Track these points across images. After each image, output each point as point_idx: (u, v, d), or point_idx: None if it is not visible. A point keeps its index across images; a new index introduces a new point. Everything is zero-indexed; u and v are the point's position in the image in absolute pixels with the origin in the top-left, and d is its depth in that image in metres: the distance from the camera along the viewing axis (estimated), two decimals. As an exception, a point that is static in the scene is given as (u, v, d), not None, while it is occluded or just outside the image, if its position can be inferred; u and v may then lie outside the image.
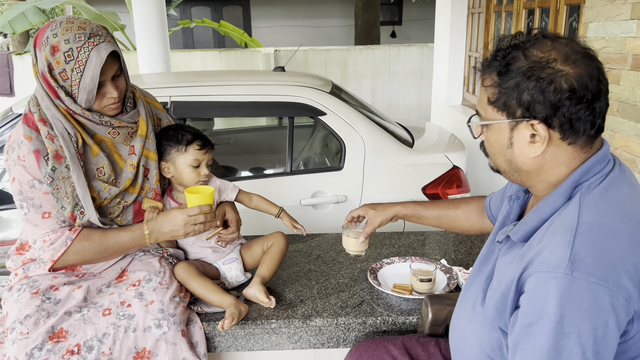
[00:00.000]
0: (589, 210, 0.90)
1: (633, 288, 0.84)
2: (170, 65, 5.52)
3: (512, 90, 0.93)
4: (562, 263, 0.84)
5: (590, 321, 0.82)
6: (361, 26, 8.87)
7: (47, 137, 1.35)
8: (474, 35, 4.48)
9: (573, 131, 0.92)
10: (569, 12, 2.74)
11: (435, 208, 1.53)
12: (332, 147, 3.01)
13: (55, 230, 1.39)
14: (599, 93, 0.92)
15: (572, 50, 0.92)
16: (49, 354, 1.25)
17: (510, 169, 1.02)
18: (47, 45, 1.30)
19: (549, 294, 0.84)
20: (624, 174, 0.97)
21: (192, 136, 1.54)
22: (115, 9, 9.31)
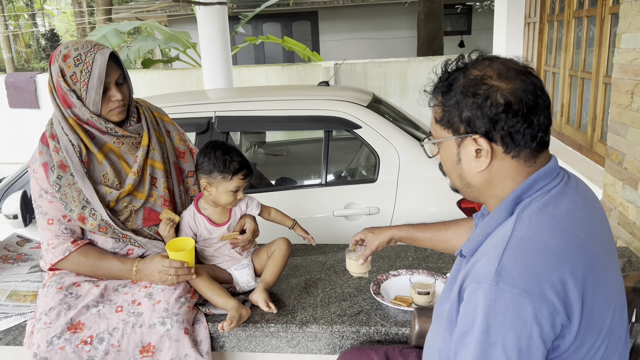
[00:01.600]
0: (523, 225, 0.92)
1: (558, 302, 0.84)
2: (232, 81, 5.81)
3: (454, 108, 0.98)
4: (490, 274, 0.87)
5: (514, 332, 0.84)
6: (423, 37, 8.81)
7: (53, 150, 1.57)
8: (530, 45, 4.35)
9: (514, 144, 0.95)
10: (613, 21, 2.63)
11: (427, 230, 1.55)
12: (367, 159, 3.06)
13: (58, 236, 1.60)
14: (536, 107, 0.94)
15: (507, 68, 0.96)
16: (66, 342, 1.42)
17: (463, 185, 1.05)
18: (59, 56, 1.52)
19: (478, 304, 0.87)
20: (569, 189, 0.97)
21: (239, 165, 1.62)
22: (188, 27, 9.91)
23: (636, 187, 2.00)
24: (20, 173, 2.88)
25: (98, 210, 1.56)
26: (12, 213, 2.52)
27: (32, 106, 7.41)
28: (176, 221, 1.65)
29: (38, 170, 1.59)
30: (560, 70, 3.52)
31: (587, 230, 0.93)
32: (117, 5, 17.27)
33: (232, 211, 1.71)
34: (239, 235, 1.70)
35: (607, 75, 2.70)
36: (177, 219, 1.66)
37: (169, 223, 1.64)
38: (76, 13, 15.63)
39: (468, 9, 11.83)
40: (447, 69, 1.02)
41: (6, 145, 7.92)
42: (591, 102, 2.91)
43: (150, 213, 1.66)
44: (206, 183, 1.64)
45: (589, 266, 0.89)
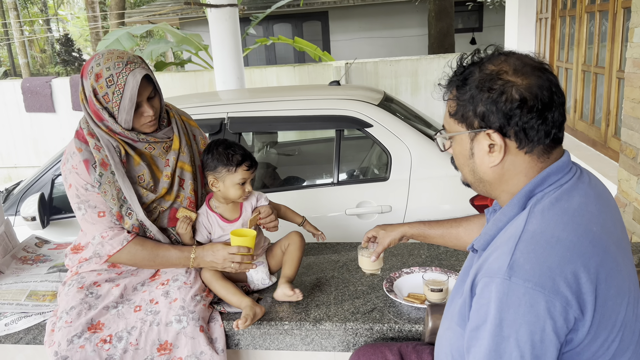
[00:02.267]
0: (535, 220, 0.92)
1: (571, 295, 0.85)
2: (244, 83, 5.85)
3: (468, 102, 0.98)
4: (502, 268, 0.88)
5: (527, 326, 0.84)
6: (434, 35, 8.78)
7: (94, 148, 1.59)
8: (542, 41, 4.32)
9: (528, 139, 0.95)
10: (625, 15, 2.60)
11: (439, 227, 1.56)
12: (379, 158, 3.06)
13: (112, 227, 1.61)
14: (551, 103, 0.94)
15: (523, 63, 0.96)
16: (86, 341, 1.45)
17: (475, 180, 1.06)
18: (92, 73, 1.53)
19: (490, 298, 0.88)
20: (581, 184, 0.98)
21: (242, 157, 1.67)
22: (200, 30, 9.97)
23: (651, 182, 1.98)
24: (38, 176, 2.94)
25: (135, 209, 1.60)
26: (30, 215, 2.57)
27: (48, 110, 7.53)
28: (193, 219, 1.69)
29: (78, 166, 1.60)
30: (573, 65, 3.49)
31: (599, 224, 0.93)
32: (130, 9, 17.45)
33: (242, 207, 1.74)
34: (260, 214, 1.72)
35: (621, 70, 2.68)
36: (194, 216, 1.69)
37: (186, 221, 1.67)
38: (89, 18, 15.83)
39: (479, 6, 11.74)
40: (463, 63, 1.02)
41: (23, 149, 8.06)
42: (605, 98, 2.89)
43: (176, 213, 1.70)
44: (213, 179, 1.67)
45: (601, 260, 0.89)
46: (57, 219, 2.76)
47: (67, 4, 28.31)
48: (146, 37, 17.34)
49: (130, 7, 18.82)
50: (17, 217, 2.77)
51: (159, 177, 1.67)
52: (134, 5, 20.20)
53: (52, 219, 2.74)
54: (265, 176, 3.58)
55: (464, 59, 1.03)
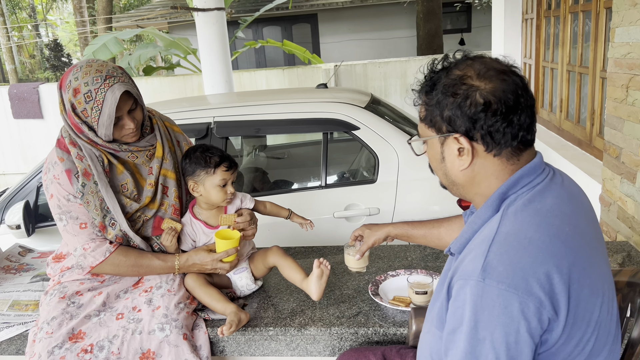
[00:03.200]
0: (508, 221, 0.93)
1: (544, 296, 0.85)
2: (232, 86, 5.84)
3: (436, 107, 1.00)
4: (476, 270, 0.88)
5: (501, 327, 0.85)
6: (423, 37, 8.81)
7: (76, 157, 1.56)
8: (528, 41, 4.35)
9: (494, 143, 0.96)
10: (607, 15, 2.62)
11: (422, 227, 1.58)
12: (367, 160, 3.06)
13: (94, 239, 1.59)
14: (517, 106, 0.95)
15: (487, 68, 0.97)
16: (67, 352, 1.43)
17: (449, 183, 1.07)
18: (69, 88, 1.50)
19: (465, 301, 0.88)
20: (554, 185, 0.98)
21: (220, 158, 1.66)
22: (188, 34, 9.95)
23: (634, 181, 1.99)
24: (23, 183, 2.91)
25: (118, 219, 1.58)
26: (15, 223, 2.54)
27: (35, 116, 7.47)
28: (178, 230, 1.66)
29: (60, 176, 1.57)
30: (558, 65, 3.51)
31: (572, 224, 0.93)
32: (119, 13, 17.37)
33: (227, 210, 1.73)
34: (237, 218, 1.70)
35: (604, 69, 2.70)
36: (179, 227, 1.66)
37: (171, 232, 1.65)
38: (78, 23, 15.74)
39: (467, 7, 11.80)
40: (433, 68, 1.04)
41: (11, 156, 7.99)
42: (589, 97, 2.91)
43: (160, 222, 1.68)
44: (193, 183, 1.66)
45: (574, 260, 0.89)
46: (42, 227, 2.73)
47: (56, 9, 28.16)
48: (135, 42, 17.27)
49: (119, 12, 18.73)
50: (2, 226, 2.74)
51: (142, 186, 1.65)
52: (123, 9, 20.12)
53: (37, 227, 2.71)
54: (254, 180, 3.57)
55: (435, 65, 1.04)
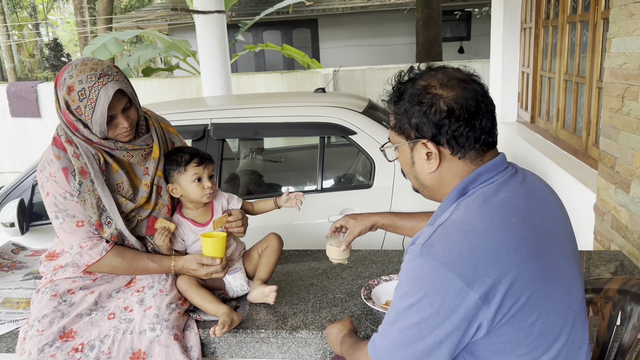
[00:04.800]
0: (459, 210, 1.01)
1: (474, 277, 0.91)
2: (231, 89, 5.84)
3: (404, 115, 1.08)
4: (418, 246, 0.98)
5: (428, 298, 0.93)
6: (422, 44, 8.84)
7: (73, 155, 1.56)
8: (526, 50, 4.37)
9: (459, 146, 1.04)
10: (605, 26, 2.64)
11: (410, 219, 1.61)
12: (363, 165, 3.07)
13: (91, 237, 1.59)
14: (478, 112, 1.03)
15: (449, 77, 1.05)
16: (57, 350, 1.42)
17: (419, 186, 1.15)
18: (64, 86, 1.50)
19: (404, 269, 1.00)
20: (512, 181, 1.05)
21: (190, 155, 1.68)
22: (188, 36, 9.97)
23: (628, 190, 2.00)
24: (18, 181, 2.90)
25: (114, 218, 1.57)
26: (9, 221, 2.54)
27: (33, 115, 7.47)
28: (172, 229, 1.65)
29: (57, 174, 1.56)
30: (555, 75, 3.53)
31: (521, 216, 0.99)
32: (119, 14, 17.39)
33: (213, 209, 1.73)
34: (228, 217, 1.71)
35: (600, 79, 2.71)
36: (172, 227, 1.65)
37: (164, 232, 1.64)
38: (78, 23, 15.76)
39: (467, 15, 11.87)
40: (400, 79, 1.12)
41: (7, 154, 7.97)
42: (585, 107, 2.92)
43: (154, 221, 1.67)
44: (171, 185, 1.67)
45: (515, 247, 0.94)
46: (36, 225, 2.73)
47: (57, 9, 28.19)
48: (135, 43, 17.29)
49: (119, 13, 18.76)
50: (-5, 223, 2.73)
51: (137, 185, 1.65)
52: (123, 10, 20.15)
53: (31, 225, 2.71)
54: (250, 182, 3.57)
55: (401, 76, 1.12)
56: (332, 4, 11.99)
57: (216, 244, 1.62)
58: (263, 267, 1.74)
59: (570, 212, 2.84)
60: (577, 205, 2.61)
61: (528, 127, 4.20)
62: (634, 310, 1.20)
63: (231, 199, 1.79)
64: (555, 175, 3.00)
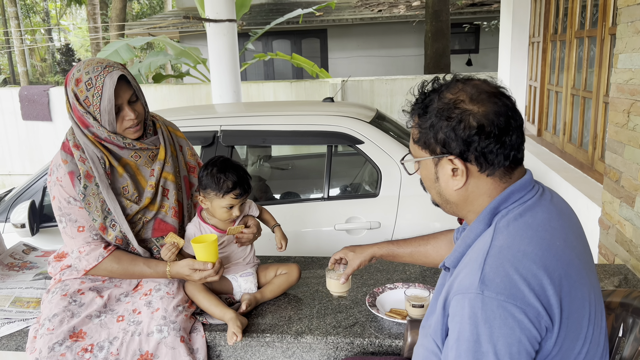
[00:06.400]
0: (501, 235, 0.96)
1: (540, 306, 0.88)
2: (240, 97, 5.90)
3: (429, 130, 1.02)
4: (474, 284, 0.90)
5: (504, 339, 0.86)
6: (430, 55, 8.89)
7: (79, 159, 1.60)
8: (534, 64, 4.39)
9: (488, 163, 0.99)
10: (612, 42, 2.66)
11: (407, 246, 1.57)
12: (370, 174, 3.09)
13: (90, 242, 1.62)
14: (508, 128, 0.98)
15: (479, 91, 1.00)
16: (67, 349, 1.45)
17: (442, 201, 1.10)
18: (73, 79, 1.56)
19: (464, 315, 0.90)
20: (544, 201, 1.02)
21: (232, 185, 1.65)
22: (199, 44, 10.07)
23: (633, 204, 2.02)
24: (30, 183, 2.95)
25: (119, 221, 1.61)
26: (20, 222, 2.58)
27: (44, 119, 7.56)
28: (180, 246, 1.64)
29: (63, 178, 1.61)
30: (562, 89, 3.55)
31: (562, 238, 0.96)
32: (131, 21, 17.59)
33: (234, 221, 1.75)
34: (244, 229, 1.74)
35: (607, 94, 2.73)
36: (181, 243, 1.63)
37: (172, 249, 1.62)
38: (91, 29, 15.95)
39: (476, 28, 11.91)
40: (424, 90, 1.06)
41: (18, 157, 8.06)
42: (592, 121, 2.94)
43: (160, 224, 1.70)
44: (202, 197, 1.69)
45: (565, 273, 0.92)
46: (46, 226, 2.77)
47: (70, 15, 28.54)
48: (146, 49, 17.48)
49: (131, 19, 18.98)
50: (7, 224, 2.77)
51: (144, 187, 1.68)
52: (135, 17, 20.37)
53: (41, 227, 2.74)
54: (256, 189, 3.61)
55: (425, 87, 1.07)
56: (342, 14, 12.08)
57: (207, 249, 1.60)
58: (270, 288, 1.77)
59: (575, 225, 2.82)
60: (582, 218, 2.59)
61: (535, 141, 4.22)
62: (636, 322, 1.22)
63: (250, 205, 1.82)
64: (560, 189, 3.01)
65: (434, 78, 1.08)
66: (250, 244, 1.79)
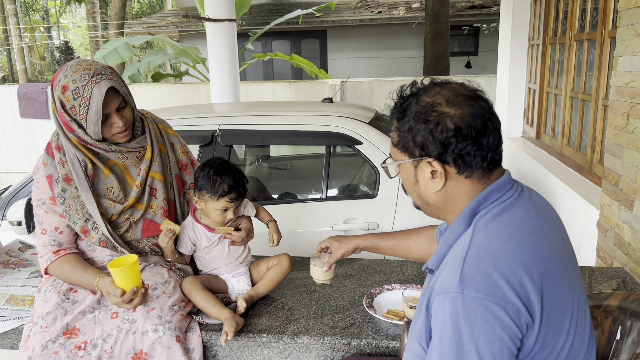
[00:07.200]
0: (480, 234, 0.97)
1: (520, 303, 0.88)
2: (239, 96, 5.89)
3: (408, 133, 1.04)
4: (454, 283, 0.91)
5: (485, 337, 0.87)
6: (430, 57, 8.89)
7: (59, 162, 1.60)
8: (533, 67, 4.39)
9: (466, 165, 1.01)
10: (612, 45, 2.66)
11: (390, 239, 1.59)
12: (368, 175, 3.09)
13: (45, 246, 1.64)
14: (485, 130, 1.00)
15: (455, 94, 1.02)
16: (60, 347, 1.44)
17: (423, 204, 1.11)
18: (59, 85, 1.54)
19: (445, 315, 0.91)
20: (522, 200, 1.03)
21: (228, 188, 1.64)
22: (198, 43, 10.06)
23: (631, 208, 2.01)
24: (27, 181, 2.94)
25: (99, 224, 1.60)
26: (16, 220, 2.56)
27: (42, 117, 7.54)
28: (177, 232, 1.67)
29: (40, 180, 1.62)
30: (562, 92, 3.55)
31: (540, 236, 0.97)
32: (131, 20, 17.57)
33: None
34: (234, 231, 1.72)
35: (606, 97, 2.73)
36: (177, 229, 1.67)
37: (169, 234, 1.65)
38: (90, 27, 15.93)
39: (475, 31, 11.92)
40: (402, 94, 1.08)
41: (16, 155, 8.04)
42: (591, 124, 2.94)
43: (149, 224, 1.69)
44: (197, 197, 1.68)
45: (545, 269, 0.93)
46: (43, 224, 2.75)
47: (69, 13, 28.50)
48: (145, 48, 17.46)
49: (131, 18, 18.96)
50: (3, 222, 2.76)
51: (131, 187, 1.67)
52: (135, 16, 20.35)
53: (38, 225, 2.73)
54: (254, 189, 3.60)
55: (403, 91, 1.08)
56: (342, 15, 12.08)
57: (122, 274, 1.42)
58: (264, 283, 1.76)
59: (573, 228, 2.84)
60: (581, 221, 2.61)
61: (533, 143, 4.22)
62: (634, 325, 1.21)
63: (247, 205, 1.81)
64: (559, 192, 3.01)
65: (412, 82, 1.10)
66: (241, 245, 1.78)
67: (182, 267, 1.76)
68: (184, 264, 1.78)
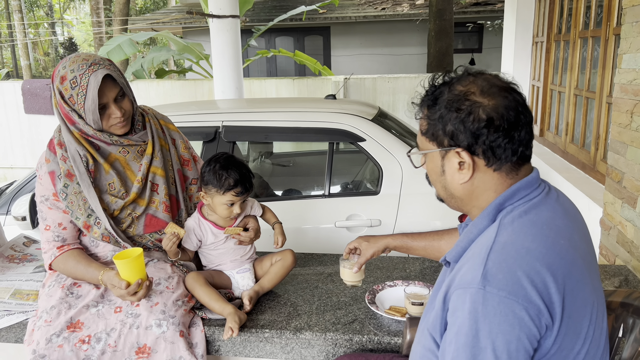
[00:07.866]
0: (505, 231, 0.95)
1: (542, 304, 0.87)
2: (242, 93, 5.89)
3: (438, 122, 1.01)
4: (476, 279, 0.89)
5: (503, 335, 0.86)
6: (433, 54, 8.87)
7: (61, 158, 1.62)
8: (537, 64, 4.38)
9: (495, 157, 0.98)
10: (616, 42, 2.65)
11: (422, 239, 1.57)
12: (371, 172, 3.09)
13: (49, 242, 1.65)
14: (517, 123, 0.97)
15: (490, 84, 0.99)
16: (64, 341, 1.45)
17: (447, 196, 1.08)
18: (58, 76, 1.55)
19: (464, 309, 0.89)
20: (549, 200, 1.01)
21: (234, 182, 1.64)
22: (202, 39, 10.06)
23: (634, 205, 2.01)
24: (31, 177, 2.95)
25: (102, 219, 1.61)
26: (21, 215, 2.58)
27: (47, 112, 7.56)
28: (181, 235, 1.63)
29: (43, 177, 1.64)
30: (565, 89, 3.54)
31: (566, 237, 0.96)
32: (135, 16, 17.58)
33: (235, 219, 1.75)
34: (242, 231, 1.74)
35: (610, 95, 2.72)
36: (182, 233, 1.63)
37: (173, 238, 1.62)
38: (94, 23, 15.94)
39: (479, 28, 11.89)
40: (434, 82, 1.05)
41: (20, 150, 8.07)
42: (595, 122, 2.93)
43: (151, 219, 1.70)
44: (203, 192, 1.69)
45: (568, 272, 0.91)
46: (47, 220, 2.77)
47: (73, 9, 28.54)
48: (149, 45, 17.48)
49: (135, 14, 18.96)
50: (8, 217, 2.78)
51: (132, 182, 1.68)
52: (139, 12, 20.36)
53: (42, 220, 2.75)
54: (257, 185, 3.61)
55: (435, 79, 1.06)
56: (345, 12, 12.06)
57: (127, 266, 1.46)
58: (268, 278, 1.77)
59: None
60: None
61: (537, 140, 4.21)
62: (636, 323, 1.21)
63: (254, 205, 1.82)
64: (562, 189, 2.98)
65: (445, 71, 1.07)
66: (248, 244, 1.79)
67: (184, 263, 1.77)
68: (187, 261, 1.79)
